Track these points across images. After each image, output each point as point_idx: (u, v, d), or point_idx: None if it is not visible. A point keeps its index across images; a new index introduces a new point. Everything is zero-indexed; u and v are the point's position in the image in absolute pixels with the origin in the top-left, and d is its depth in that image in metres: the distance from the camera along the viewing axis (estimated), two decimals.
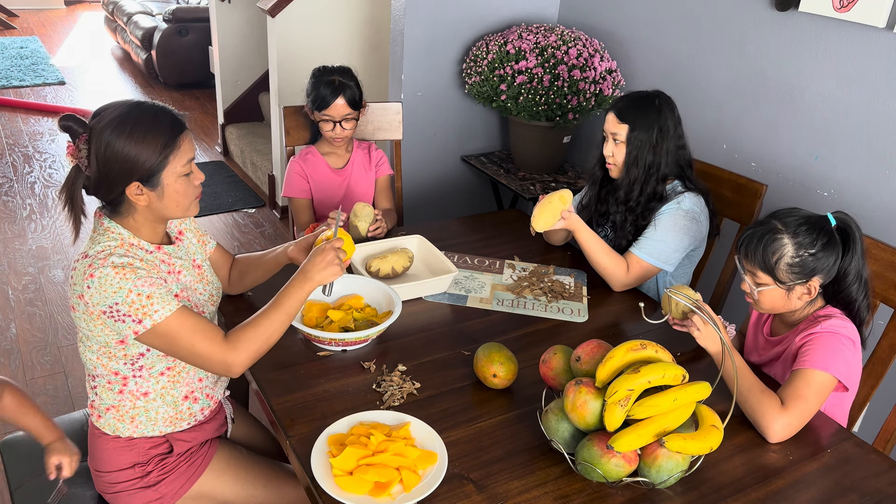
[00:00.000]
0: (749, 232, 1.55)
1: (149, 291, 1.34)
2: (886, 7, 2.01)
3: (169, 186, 1.40)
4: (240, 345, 1.40)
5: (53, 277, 3.40)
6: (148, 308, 1.34)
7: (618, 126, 1.96)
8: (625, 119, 1.95)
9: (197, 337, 1.38)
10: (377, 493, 1.25)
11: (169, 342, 1.38)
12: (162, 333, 1.36)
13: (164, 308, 1.35)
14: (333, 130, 2.24)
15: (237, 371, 1.41)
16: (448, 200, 3.33)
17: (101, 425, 1.52)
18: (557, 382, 1.47)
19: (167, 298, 1.37)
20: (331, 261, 1.46)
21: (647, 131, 1.93)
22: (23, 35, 7.20)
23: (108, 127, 1.34)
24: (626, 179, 1.99)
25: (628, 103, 1.96)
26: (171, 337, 1.37)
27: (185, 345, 1.38)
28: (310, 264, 1.46)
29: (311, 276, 1.45)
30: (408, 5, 2.85)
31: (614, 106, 1.98)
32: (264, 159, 4.32)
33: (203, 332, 1.39)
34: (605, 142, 2.01)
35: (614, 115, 1.97)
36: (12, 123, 5.10)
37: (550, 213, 1.92)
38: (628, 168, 1.97)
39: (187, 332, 1.37)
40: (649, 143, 1.94)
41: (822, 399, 1.48)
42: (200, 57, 5.85)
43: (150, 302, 1.34)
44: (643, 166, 1.96)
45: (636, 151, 1.95)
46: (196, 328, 1.38)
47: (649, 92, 1.99)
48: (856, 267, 1.54)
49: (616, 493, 1.31)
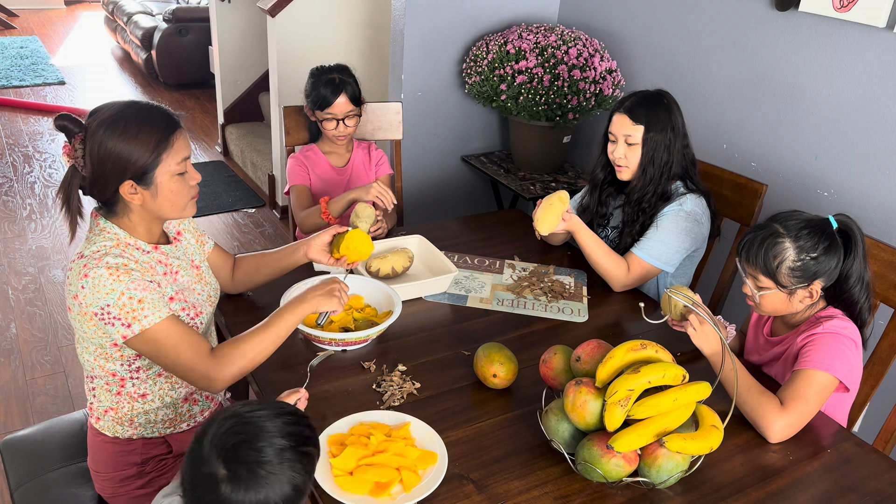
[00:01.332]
0: (750, 236, 1.55)
1: (140, 296, 1.34)
2: (886, 7, 2.01)
3: (163, 185, 1.40)
4: (225, 360, 1.40)
5: (53, 277, 3.40)
6: (138, 312, 1.34)
7: (632, 128, 1.93)
8: (639, 120, 1.93)
9: (183, 347, 1.38)
10: (377, 493, 1.25)
11: (155, 349, 1.37)
12: (149, 339, 1.36)
13: (154, 314, 1.35)
14: (336, 129, 2.24)
15: (218, 387, 1.41)
16: (448, 200, 3.33)
17: (101, 427, 1.52)
18: (557, 382, 1.47)
19: (159, 304, 1.36)
20: (333, 292, 1.49)
21: (661, 131, 1.92)
22: (23, 35, 7.20)
23: (101, 126, 1.34)
24: (642, 180, 1.97)
25: (638, 103, 1.94)
26: (158, 344, 1.37)
27: (171, 354, 1.38)
28: (312, 292, 1.48)
29: (309, 300, 1.47)
30: (408, 6, 2.85)
31: (622, 107, 1.95)
32: (264, 159, 4.32)
33: (190, 344, 1.38)
34: (613, 144, 1.99)
35: (626, 117, 1.94)
36: (12, 123, 5.10)
37: (553, 215, 1.91)
38: (644, 168, 1.96)
39: (174, 341, 1.37)
40: (664, 143, 1.93)
41: (822, 400, 1.48)
42: (200, 57, 5.85)
43: (142, 306, 1.34)
44: (659, 166, 1.95)
45: (652, 152, 1.93)
46: (183, 338, 1.38)
47: (654, 91, 1.98)
48: (857, 269, 1.54)
49: (616, 493, 1.31)
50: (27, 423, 2.51)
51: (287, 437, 1.03)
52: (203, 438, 1.02)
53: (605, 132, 2.02)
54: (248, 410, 1.05)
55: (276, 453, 1.00)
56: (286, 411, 1.07)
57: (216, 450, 1.00)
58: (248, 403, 1.07)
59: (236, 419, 1.03)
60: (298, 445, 1.03)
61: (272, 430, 1.02)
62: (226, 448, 1.00)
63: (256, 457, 0.99)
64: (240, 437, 1.01)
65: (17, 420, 2.55)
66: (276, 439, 1.01)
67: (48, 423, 1.75)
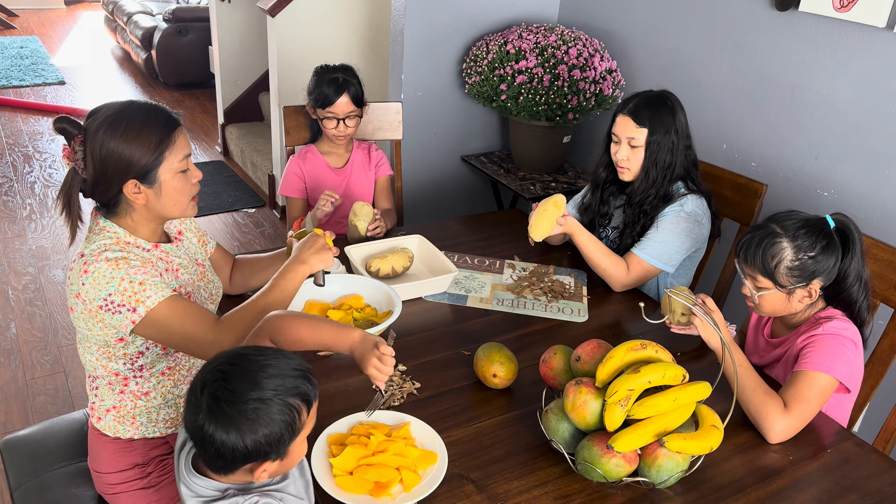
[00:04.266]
0: (748, 236, 1.55)
1: (141, 278, 1.35)
2: (886, 7, 2.01)
3: (166, 183, 1.41)
4: (234, 325, 1.40)
5: (53, 277, 3.40)
6: (140, 294, 1.34)
7: (636, 130, 1.92)
8: (642, 123, 1.92)
9: (188, 320, 1.38)
10: (377, 493, 1.25)
11: (162, 329, 1.38)
12: (155, 321, 1.37)
13: (156, 294, 1.36)
14: (336, 128, 2.24)
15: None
16: (448, 200, 3.33)
17: (102, 427, 1.52)
18: (557, 382, 1.47)
19: (160, 285, 1.37)
20: (322, 246, 1.49)
21: (665, 134, 1.92)
22: (23, 35, 7.20)
23: (101, 127, 1.35)
24: (645, 183, 1.97)
25: (642, 105, 1.93)
26: (163, 324, 1.37)
27: (178, 330, 1.38)
28: (304, 250, 1.48)
29: (306, 258, 1.47)
30: (408, 5, 2.85)
31: (626, 109, 1.94)
32: (264, 159, 4.32)
33: (194, 316, 1.39)
34: (616, 145, 1.98)
35: (630, 120, 1.93)
36: (12, 123, 5.10)
37: (547, 221, 1.91)
38: (647, 171, 1.95)
39: (179, 317, 1.38)
40: (668, 146, 1.93)
41: (823, 401, 1.48)
42: (200, 57, 5.85)
43: (143, 288, 1.35)
44: (662, 168, 1.94)
45: (655, 155, 1.93)
46: (187, 312, 1.39)
47: (658, 91, 1.97)
48: (856, 268, 1.54)
49: (616, 493, 1.31)
50: (27, 423, 2.51)
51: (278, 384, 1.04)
52: (205, 366, 1.07)
53: (609, 132, 2.01)
54: (253, 352, 1.07)
55: (258, 398, 1.02)
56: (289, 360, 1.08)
57: (207, 375, 1.04)
58: (259, 348, 1.10)
59: (235, 356, 1.06)
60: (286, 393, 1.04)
61: (264, 375, 1.04)
62: (211, 381, 1.03)
63: (230, 397, 1.01)
64: (228, 375, 1.03)
65: (17, 420, 2.55)
66: (264, 381, 1.03)
67: (48, 423, 1.75)
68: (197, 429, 1.03)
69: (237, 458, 1.03)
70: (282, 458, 1.07)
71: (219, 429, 1.01)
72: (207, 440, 1.02)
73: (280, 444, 1.05)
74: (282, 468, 1.10)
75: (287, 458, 1.08)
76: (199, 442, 1.05)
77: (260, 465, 1.06)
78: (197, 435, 1.04)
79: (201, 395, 1.03)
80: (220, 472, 1.09)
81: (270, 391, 1.03)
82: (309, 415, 1.09)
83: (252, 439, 1.02)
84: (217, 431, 1.01)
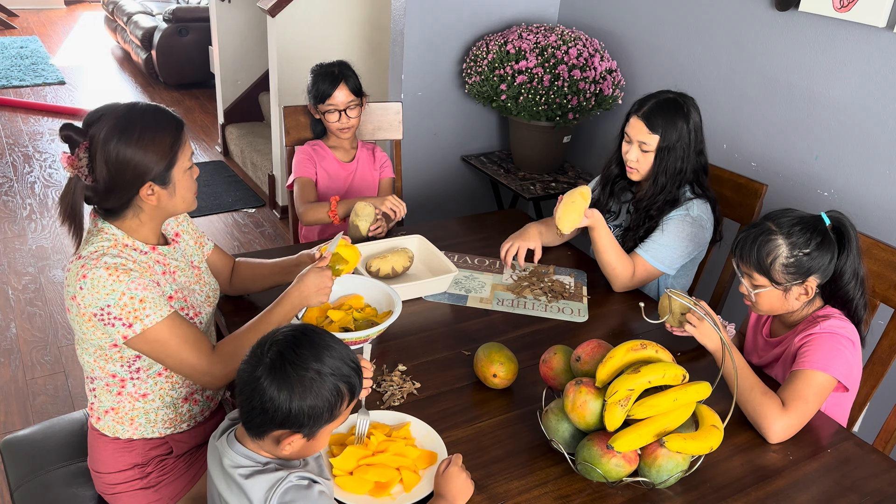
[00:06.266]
0: (743, 234, 1.55)
1: (142, 295, 1.34)
2: (886, 7, 2.01)
3: (179, 182, 1.42)
4: (227, 358, 1.43)
5: (53, 277, 3.40)
6: (140, 312, 1.34)
7: (648, 136, 1.90)
8: (655, 130, 1.90)
9: (186, 346, 1.39)
10: (377, 493, 1.25)
11: (158, 348, 1.38)
12: (152, 339, 1.36)
13: (155, 313, 1.35)
14: (339, 120, 2.24)
15: (220, 384, 1.45)
16: (448, 200, 3.33)
17: (101, 427, 1.52)
18: (557, 382, 1.47)
19: (160, 303, 1.36)
20: (325, 287, 1.51)
21: (677, 141, 1.90)
22: (23, 35, 7.20)
23: (113, 134, 1.33)
24: (653, 189, 1.96)
25: (657, 110, 1.90)
26: (160, 343, 1.37)
27: (174, 352, 1.39)
28: (307, 287, 1.50)
29: (308, 296, 1.50)
30: (408, 5, 2.85)
31: (640, 112, 1.92)
32: (264, 159, 4.32)
33: (192, 343, 1.40)
34: (628, 145, 1.96)
35: (643, 124, 1.91)
36: (12, 123, 5.10)
37: (575, 213, 1.87)
38: (656, 177, 1.94)
39: (177, 340, 1.38)
40: (679, 153, 1.91)
41: (821, 400, 1.48)
42: (200, 57, 5.85)
43: (143, 306, 1.34)
44: (672, 175, 1.93)
45: (666, 162, 1.92)
46: (186, 337, 1.39)
47: (674, 95, 1.93)
48: (852, 265, 1.54)
49: (616, 493, 1.31)
50: (27, 423, 2.51)
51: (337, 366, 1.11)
52: (276, 329, 1.14)
53: (622, 128, 1.99)
54: (323, 331, 1.15)
55: (317, 370, 1.09)
56: (349, 352, 1.15)
57: (279, 335, 1.12)
58: (330, 333, 1.17)
59: (308, 328, 1.14)
60: (339, 377, 1.11)
61: (328, 354, 1.11)
62: (282, 340, 1.11)
63: (294, 359, 1.08)
64: (299, 341, 1.11)
65: (17, 420, 2.55)
66: (327, 359, 1.10)
67: (48, 423, 1.75)
68: (253, 379, 1.09)
69: (276, 419, 1.08)
70: (310, 437, 1.12)
71: (273, 384, 1.07)
72: (258, 392, 1.08)
73: (317, 421, 1.10)
74: (304, 450, 1.15)
75: (313, 440, 1.13)
76: (249, 393, 1.09)
77: (290, 436, 1.10)
78: (249, 385, 1.09)
79: (267, 351, 1.10)
80: (251, 431, 1.13)
81: (329, 369, 1.10)
82: (347, 408, 1.15)
83: (298, 405, 1.07)
84: (271, 387, 1.07)
